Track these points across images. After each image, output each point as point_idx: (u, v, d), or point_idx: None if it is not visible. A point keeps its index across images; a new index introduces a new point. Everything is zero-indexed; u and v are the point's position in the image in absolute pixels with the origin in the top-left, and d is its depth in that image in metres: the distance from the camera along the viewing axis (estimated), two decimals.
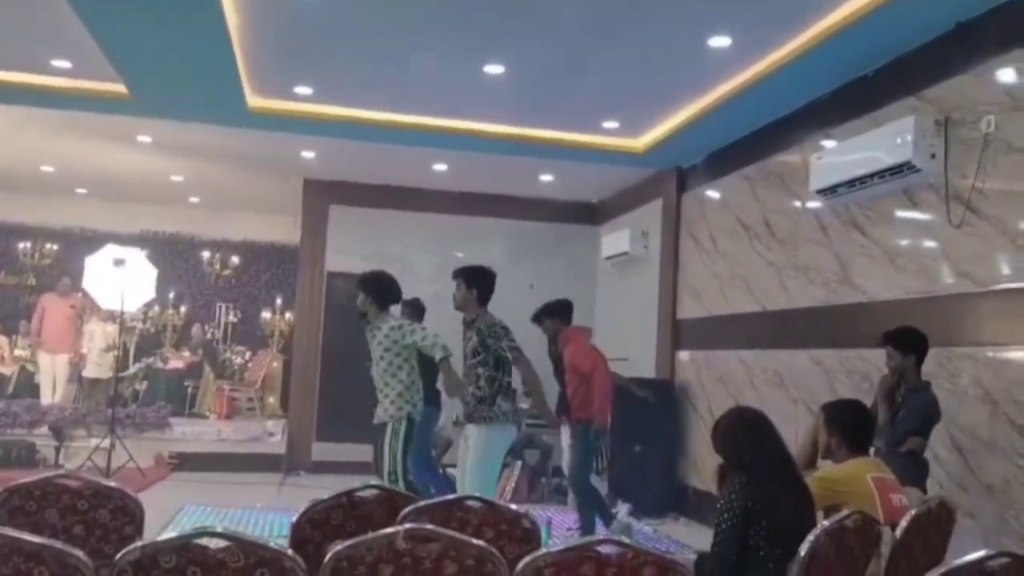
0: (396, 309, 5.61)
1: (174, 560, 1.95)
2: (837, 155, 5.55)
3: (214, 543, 1.99)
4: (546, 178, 9.06)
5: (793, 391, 6.11)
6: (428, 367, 5.64)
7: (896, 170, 4.90)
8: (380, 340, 5.16)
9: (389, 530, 2.05)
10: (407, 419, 5.09)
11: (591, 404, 6.09)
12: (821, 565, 2.57)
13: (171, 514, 6.53)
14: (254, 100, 7.00)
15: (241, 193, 10.77)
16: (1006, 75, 4.43)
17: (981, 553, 2.17)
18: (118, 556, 1.96)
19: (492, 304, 9.58)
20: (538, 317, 6.45)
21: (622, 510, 6.69)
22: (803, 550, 2.49)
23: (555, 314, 6.39)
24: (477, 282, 5.18)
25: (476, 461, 5.01)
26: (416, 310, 6.82)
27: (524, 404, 8.53)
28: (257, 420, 11.51)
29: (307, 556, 2.47)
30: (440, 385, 5.67)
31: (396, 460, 4.99)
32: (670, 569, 2.08)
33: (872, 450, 4.15)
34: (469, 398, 5.09)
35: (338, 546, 2.02)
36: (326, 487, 2.85)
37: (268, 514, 6.79)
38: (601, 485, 6.91)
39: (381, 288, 5.26)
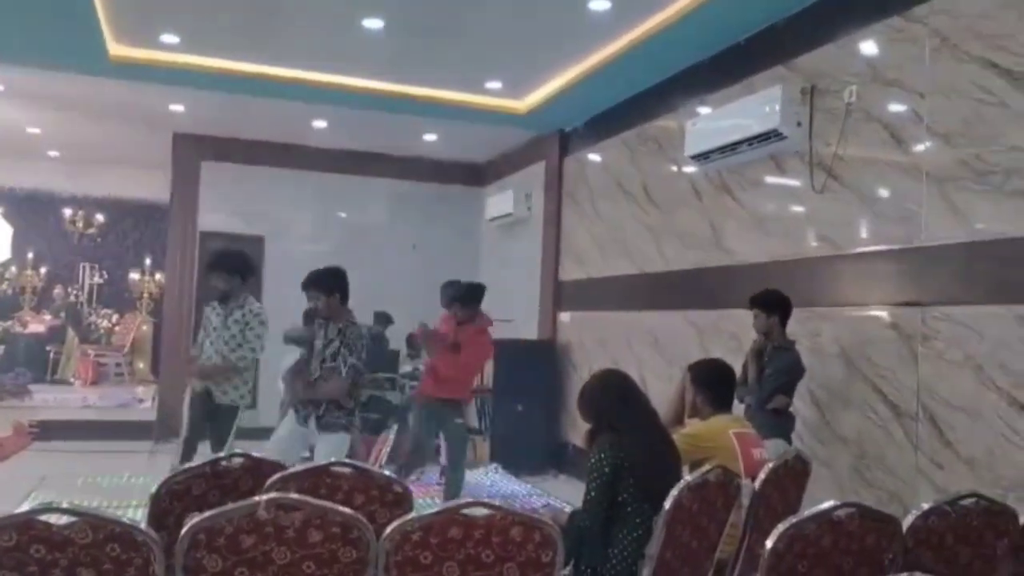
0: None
1: (15, 538, 1.83)
2: (711, 121, 5.69)
3: (60, 519, 1.87)
4: (430, 137, 8.93)
5: (668, 350, 6.30)
6: None
7: (764, 137, 5.06)
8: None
9: (250, 500, 1.98)
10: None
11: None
12: (684, 517, 2.66)
13: (32, 486, 6.20)
14: (116, 48, 6.57)
15: (105, 147, 10.15)
16: (868, 47, 4.62)
17: (830, 503, 2.29)
18: None
19: (372, 265, 9.44)
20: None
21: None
22: (667, 504, 2.57)
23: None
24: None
25: None
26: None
27: (408, 366, 8.53)
28: (126, 386, 11.05)
29: (168, 529, 2.38)
30: None
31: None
32: (537, 528, 2.10)
33: (743, 407, 4.36)
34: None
35: (195, 518, 1.94)
36: (200, 455, 2.74)
37: (137, 484, 6.54)
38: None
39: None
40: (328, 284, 4.63)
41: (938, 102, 4.13)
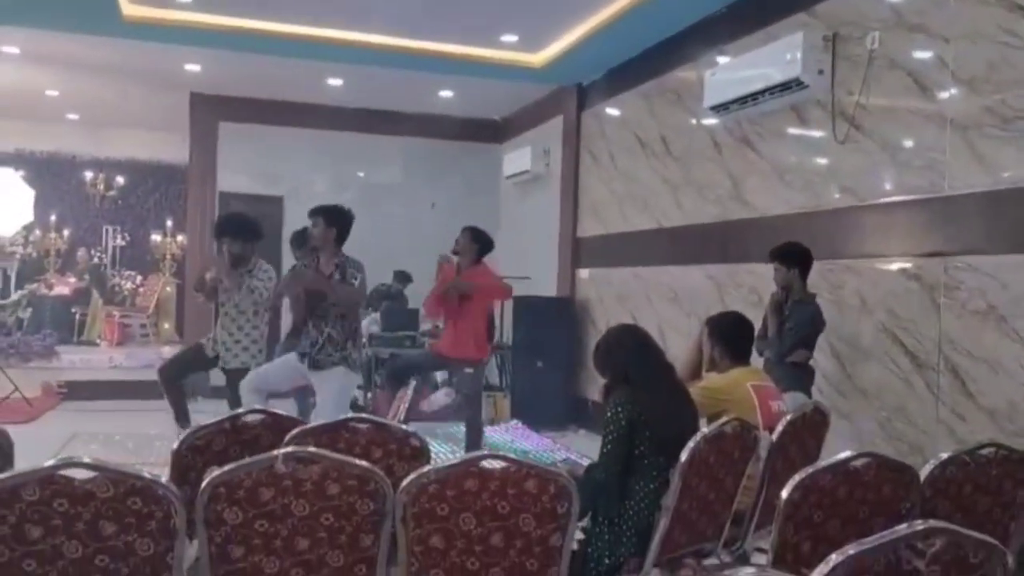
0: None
1: (37, 493, 1.86)
2: (730, 72, 5.58)
3: (81, 473, 1.90)
4: (446, 94, 8.85)
5: (687, 305, 6.28)
6: None
7: (786, 86, 4.96)
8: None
9: (268, 454, 2.00)
10: None
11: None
12: (701, 469, 2.66)
13: (60, 444, 6.33)
14: (129, 8, 6.54)
15: (123, 109, 10.16)
16: None
17: (846, 454, 2.28)
18: None
19: (390, 224, 9.45)
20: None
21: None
22: (683, 456, 2.58)
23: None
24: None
25: None
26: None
27: (427, 324, 8.56)
28: (151, 346, 11.18)
29: (190, 484, 2.42)
30: None
31: None
32: (552, 481, 2.11)
33: (762, 360, 4.34)
34: None
35: (215, 472, 1.97)
36: (224, 413, 2.77)
37: (162, 441, 6.65)
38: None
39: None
40: (334, 216, 4.77)
41: (962, 47, 4.02)
